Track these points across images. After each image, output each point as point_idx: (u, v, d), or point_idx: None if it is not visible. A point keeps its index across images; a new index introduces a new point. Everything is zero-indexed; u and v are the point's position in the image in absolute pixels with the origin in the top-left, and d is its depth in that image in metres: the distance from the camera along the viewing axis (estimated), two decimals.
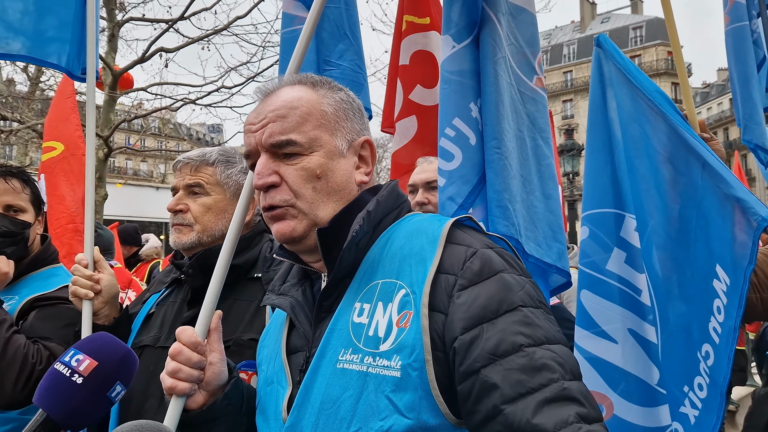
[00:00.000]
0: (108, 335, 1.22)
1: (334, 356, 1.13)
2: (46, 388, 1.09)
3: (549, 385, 0.98)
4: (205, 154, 1.96)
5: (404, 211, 1.32)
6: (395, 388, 1.05)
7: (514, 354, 1.01)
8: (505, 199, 1.87)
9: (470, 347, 1.03)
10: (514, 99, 1.96)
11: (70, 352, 1.12)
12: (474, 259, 1.12)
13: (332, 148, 1.24)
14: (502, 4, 2.03)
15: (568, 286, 2.06)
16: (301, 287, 1.31)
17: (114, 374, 1.12)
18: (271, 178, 1.21)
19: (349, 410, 1.07)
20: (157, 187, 18.67)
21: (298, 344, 1.26)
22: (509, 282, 1.10)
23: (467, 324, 1.05)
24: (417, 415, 1.03)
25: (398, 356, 1.06)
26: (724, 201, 1.91)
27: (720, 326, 1.87)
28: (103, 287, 1.98)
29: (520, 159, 1.94)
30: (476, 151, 2.01)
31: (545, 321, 1.08)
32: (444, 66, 2.10)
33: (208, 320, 1.38)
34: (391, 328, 1.09)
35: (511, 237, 1.82)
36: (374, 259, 1.20)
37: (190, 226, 1.89)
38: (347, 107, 1.29)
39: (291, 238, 1.22)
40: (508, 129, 1.91)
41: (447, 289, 1.09)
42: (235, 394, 1.33)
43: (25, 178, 2.36)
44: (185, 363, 1.26)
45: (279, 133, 1.21)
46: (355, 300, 1.17)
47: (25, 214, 2.30)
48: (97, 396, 1.10)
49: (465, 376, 1.03)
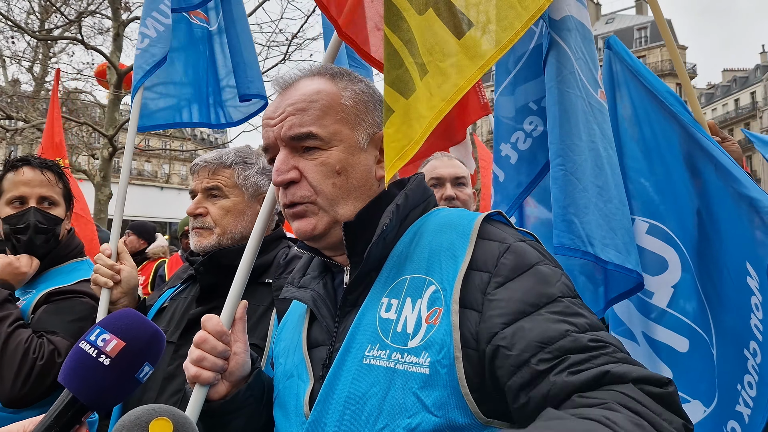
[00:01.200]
0: (134, 312, 1.18)
1: (360, 351, 1.10)
2: (72, 368, 1.05)
3: (604, 354, 0.95)
4: (222, 157, 1.96)
5: (431, 205, 1.29)
6: (423, 385, 1.02)
7: (562, 339, 0.97)
8: (570, 213, 1.93)
9: (514, 340, 1.00)
10: (585, 111, 2.02)
11: (96, 330, 1.07)
12: (507, 254, 1.09)
13: (352, 143, 1.21)
14: (569, 21, 2.09)
15: (640, 289, 2.08)
16: (321, 280, 1.29)
17: (142, 355, 1.08)
18: (291, 174, 1.19)
19: (375, 407, 1.04)
20: (162, 187, 18.72)
21: (319, 338, 1.23)
22: (546, 273, 1.07)
23: (508, 319, 1.02)
24: (445, 413, 1.00)
25: (427, 353, 1.04)
26: (738, 201, 1.92)
27: (761, 323, 1.85)
28: (123, 278, 2.00)
29: (595, 170, 1.98)
30: (516, 170, 2.31)
31: (586, 310, 1.05)
32: (496, 108, 2.41)
33: (233, 310, 1.37)
34: (420, 324, 1.07)
35: (576, 249, 1.90)
36: (402, 253, 1.18)
37: (210, 230, 1.90)
38: (367, 99, 1.26)
39: (312, 236, 1.21)
40: (578, 143, 1.97)
41: (480, 286, 1.07)
42: (258, 386, 1.32)
43: (60, 171, 2.35)
44: (210, 352, 1.25)
45: (298, 126, 1.19)
46: (383, 295, 1.14)
47: (58, 208, 2.29)
48: (124, 378, 1.06)
49: (515, 369, 0.99)
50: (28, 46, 14.90)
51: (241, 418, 1.29)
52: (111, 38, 11.47)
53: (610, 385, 0.91)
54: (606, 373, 0.92)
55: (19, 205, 2.22)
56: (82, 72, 14.38)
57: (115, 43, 11.32)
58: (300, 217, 1.21)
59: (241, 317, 1.34)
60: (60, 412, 1.05)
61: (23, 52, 14.90)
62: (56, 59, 15.23)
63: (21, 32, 12.44)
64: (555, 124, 2.00)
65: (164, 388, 1.77)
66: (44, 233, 2.23)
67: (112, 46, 11.33)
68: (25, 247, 2.21)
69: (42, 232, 2.22)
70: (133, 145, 2.42)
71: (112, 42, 11.38)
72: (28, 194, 2.22)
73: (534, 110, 2.28)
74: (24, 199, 2.22)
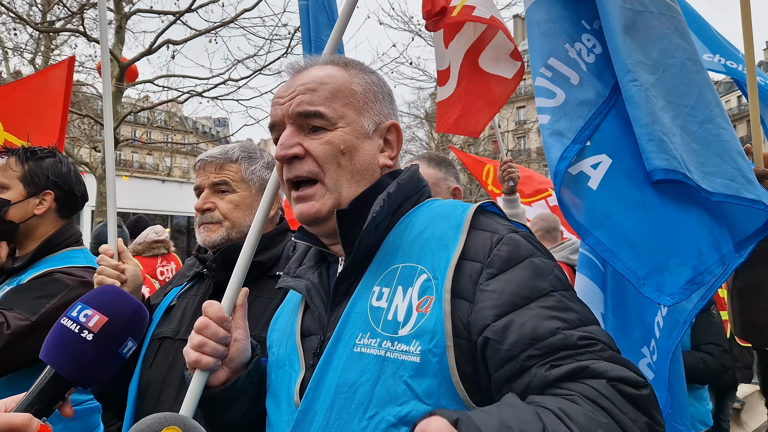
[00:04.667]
0: (116, 288, 1.18)
1: (350, 340, 1.11)
2: (54, 345, 1.05)
3: (591, 350, 0.98)
4: (227, 152, 1.98)
5: (425, 196, 1.31)
6: (414, 373, 1.03)
7: (552, 337, 1.00)
8: (657, 131, 1.63)
9: (505, 334, 1.02)
10: (652, 26, 1.77)
11: (77, 306, 1.08)
12: (501, 246, 1.10)
13: (358, 127, 1.24)
14: None
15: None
16: (317, 270, 1.30)
17: (125, 330, 1.09)
18: (295, 149, 1.21)
19: (365, 395, 1.05)
20: (163, 180, 18.70)
21: (312, 327, 1.24)
22: (539, 266, 1.09)
23: (500, 311, 1.03)
24: (436, 401, 1.02)
25: (418, 341, 1.05)
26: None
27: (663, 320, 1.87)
28: (128, 277, 2.02)
29: (680, 88, 1.70)
30: (583, 90, 1.87)
31: (577, 304, 1.07)
32: (529, 14, 2.03)
33: (234, 297, 1.38)
34: (410, 312, 1.08)
35: (676, 171, 1.59)
36: (394, 242, 1.19)
37: (219, 223, 1.91)
38: (377, 90, 1.30)
39: (315, 219, 1.22)
40: (646, 61, 1.72)
41: (472, 276, 1.08)
42: (257, 374, 1.33)
43: (29, 156, 2.34)
44: (211, 337, 1.26)
45: (307, 104, 1.21)
46: (374, 284, 1.15)
47: (7, 191, 2.28)
48: (109, 353, 1.07)
49: (503, 362, 1.01)
50: (30, 38, 14.87)
51: (241, 405, 1.31)
52: (113, 30, 11.45)
53: (585, 380, 0.94)
54: (585, 368, 0.95)
55: None
56: (84, 64, 14.38)
57: (118, 36, 11.30)
58: (305, 200, 1.22)
59: (242, 304, 1.36)
60: (43, 388, 1.05)
61: (25, 44, 14.87)
62: (58, 51, 15.20)
63: (23, 24, 12.42)
64: (615, 40, 1.77)
65: (184, 386, 1.78)
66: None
67: (114, 38, 11.32)
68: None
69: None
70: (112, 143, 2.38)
71: (115, 34, 11.36)
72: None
73: (588, 29, 1.98)
74: None
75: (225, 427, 1.33)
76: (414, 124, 29.29)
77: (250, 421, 1.33)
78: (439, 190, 2.69)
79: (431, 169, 2.73)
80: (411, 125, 29.21)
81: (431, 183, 2.64)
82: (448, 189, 2.73)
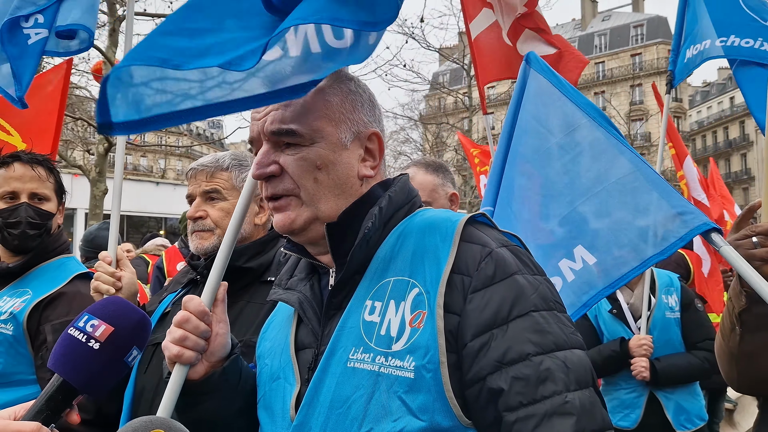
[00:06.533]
0: (121, 299, 1.22)
1: (344, 355, 1.11)
2: (62, 354, 1.09)
3: (551, 398, 0.98)
4: (218, 160, 2.00)
5: (416, 206, 1.29)
6: (408, 389, 1.03)
7: (521, 363, 1.00)
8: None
9: (479, 354, 1.03)
10: None
11: (84, 317, 1.11)
12: (488, 261, 1.10)
13: (335, 140, 1.21)
14: None
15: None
16: (308, 282, 1.29)
17: (130, 339, 1.13)
18: (270, 168, 1.20)
19: (360, 410, 1.05)
20: (157, 182, 18.66)
21: (306, 341, 1.24)
22: (522, 285, 1.08)
23: (477, 330, 1.04)
24: (430, 417, 1.02)
25: (412, 357, 1.05)
26: (638, 211, 2.01)
27: None
28: (124, 284, 2.04)
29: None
30: None
31: (556, 325, 1.06)
32: None
33: (213, 291, 1.37)
34: (404, 327, 1.08)
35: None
36: (385, 255, 1.18)
37: (211, 231, 1.93)
38: (355, 98, 1.25)
39: (291, 230, 1.21)
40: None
41: (462, 290, 1.08)
42: (233, 371, 1.32)
43: (50, 166, 2.37)
44: (192, 331, 1.25)
45: (279, 122, 1.19)
46: (366, 297, 1.15)
47: (49, 203, 2.31)
48: (114, 361, 1.10)
49: (472, 383, 1.03)
50: None
51: (214, 400, 1.30)
52: (107, 33, 11.43)
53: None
54: (539, 422, 0.97)
55: (10, 200, 2.24)
56: (77, 66, 14.35)
57: (111, 39, 11.28)
58: (280, 210, 1.21)
59: (222, 299, 1.35)
60: (51, 396, 1.08)
61: None
62: None
63: None
64: None
65: None
66: (37, 228, 2.26)
67: (107, 41, 11.30)
68: (18, 240, 2.23)
69: (35, 227, 2.25)
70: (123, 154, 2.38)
71: (108, 37, 11.34)
72: (19, 190, 2.25)
73: None
74: (15, 194, 2.25)
75: (199, 422, 1.31)
76: (408, 126, 29.36)
77: (226, 420, 1.33)
78: (437, 197, 2.71)
79: (429, 176, 2.74)
80: (405, 127, 29.29)
81: (429, 190, 2.68)
82: (446, 195, 2.75)
